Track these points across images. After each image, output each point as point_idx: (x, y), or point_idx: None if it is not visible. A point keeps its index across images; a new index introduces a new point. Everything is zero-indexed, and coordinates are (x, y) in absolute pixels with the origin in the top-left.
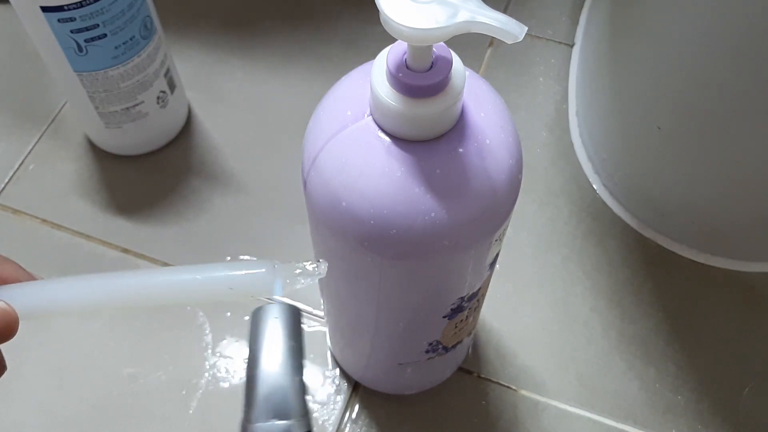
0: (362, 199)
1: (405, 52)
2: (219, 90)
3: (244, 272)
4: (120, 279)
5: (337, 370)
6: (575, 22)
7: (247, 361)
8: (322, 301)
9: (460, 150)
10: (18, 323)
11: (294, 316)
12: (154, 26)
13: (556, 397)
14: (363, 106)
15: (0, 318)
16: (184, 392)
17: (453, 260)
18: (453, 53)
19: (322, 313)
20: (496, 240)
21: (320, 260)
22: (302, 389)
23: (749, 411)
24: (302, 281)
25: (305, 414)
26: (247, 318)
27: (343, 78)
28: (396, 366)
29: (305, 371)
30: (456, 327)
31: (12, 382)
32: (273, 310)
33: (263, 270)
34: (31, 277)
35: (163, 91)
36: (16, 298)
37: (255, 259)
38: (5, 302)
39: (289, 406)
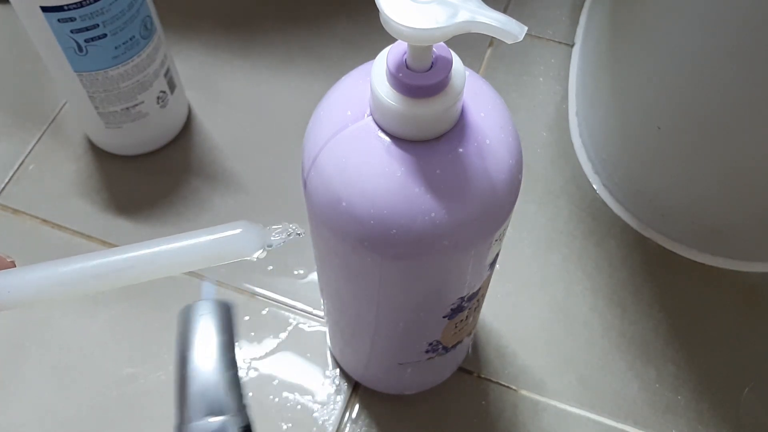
0: (362, 199)
1: (405, 52)
2: (219, 90)
3: (221, 235)
4: (100, 259)
5: (337, 370)
6: (575, 22)
7: (177, 359)
8: (322, 301)
9: (460, 150)
10: None
11: (223, 312)
12: (154, 26)
13: (556, 397)
14: (363, 106)
15: None
16: None
17: (453, 260)
18: (453, 53)
19: (322, 313)
20: (496, 240)
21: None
22: (237, 384)
23: (749, 411)
24: (281, 238)
25: (242, 409)
26: (247, 318)
27: (343, 78)
28: (396, 366)
29: (239, 366)
30: (456, 327)
31: (12, 382)
32: (200, 308)
33: (239, 230)
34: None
35: (163, 91)
36: None
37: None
38: None
39: (223, 402)
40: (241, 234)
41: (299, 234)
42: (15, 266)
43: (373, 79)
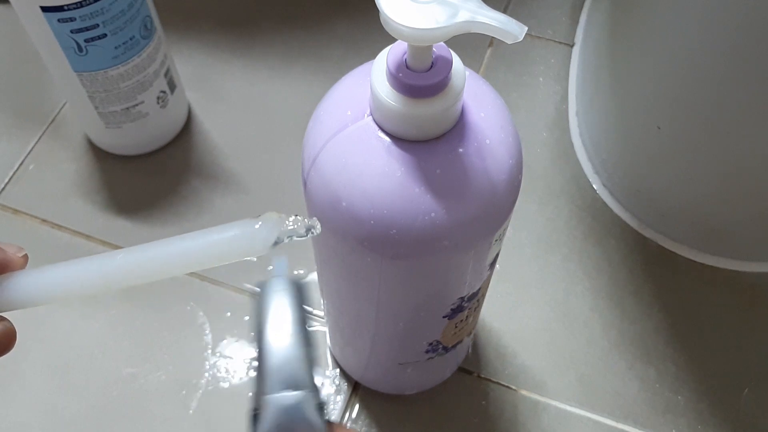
0: (362, 199)
1: (405, 52)
2: (219, 90)
3: (233, 233)
4: (111, 259)
5: (337, 370)
6: (575, 22)
7: (255, 334)
8: (322, 301)
9: (460, 150)
10: (15, 337)
11: (299, 289)
12: (154, 26)
13: (556, 397)
14: (363, 106)
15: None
16: (184, 392)
17: (453, 260)
18: (453, 53)
19: (322, 313)
20: (496, 240)
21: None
22: (312, 360)
23: (749, 411)
24: (294, 236)
25: (316, 385)
26: (247, 318)
27: (343, 78)
28: (396, 366)
29: (313, 344)
30: (456, 327)
31: (12, 381)
32: (276, 284)
33: (256, 227)
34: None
35: (163, 91)
36: (6, 290)
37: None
38: (8, 319)
39: (301, 376)
40: (256, 231)
41: (314, 233)
42: (27, 260)
43: (373, 79)
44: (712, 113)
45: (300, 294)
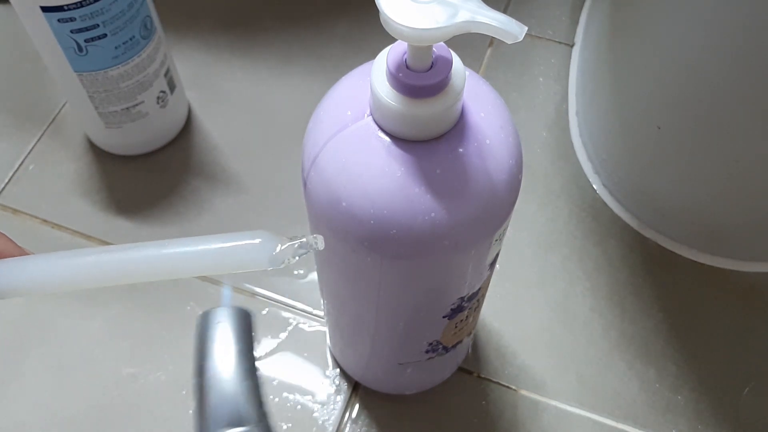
0: (362, 199)
1: (405, 52)
2: (219, 90)
3: (236, 244)
4: (110, 254)
5: (337, 370)
6: (575, 22)
7: (194, 369)
8: (322, 301)
9: (460, 150)
10: None
11: (241, 319)
12: (154, 26)
13: (556, 397)
14: (363, 106)
15: None
16: (184, 392)
17: (453, 260)
18: (453, 53)
19: (322, 313)
20: (496, 240)
21: (315, 235)
22: (256, 393)
23: (749, 411)
24: (299, 252)
25: (262, 418)
26: None
27: (343, 78)
28: (396, 366)
29: (258, 373)
30: (456, 327)
31: (12, 381)
32: (217, 315)
33: (258, 240)
34: (23, 252)
35: (163, 91)
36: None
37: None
38: None
39: (242, 412)
40: (259, 244)
41: (318, 248)
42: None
43: (373, 79)
44: (712, 113)
45: (245, 324)
